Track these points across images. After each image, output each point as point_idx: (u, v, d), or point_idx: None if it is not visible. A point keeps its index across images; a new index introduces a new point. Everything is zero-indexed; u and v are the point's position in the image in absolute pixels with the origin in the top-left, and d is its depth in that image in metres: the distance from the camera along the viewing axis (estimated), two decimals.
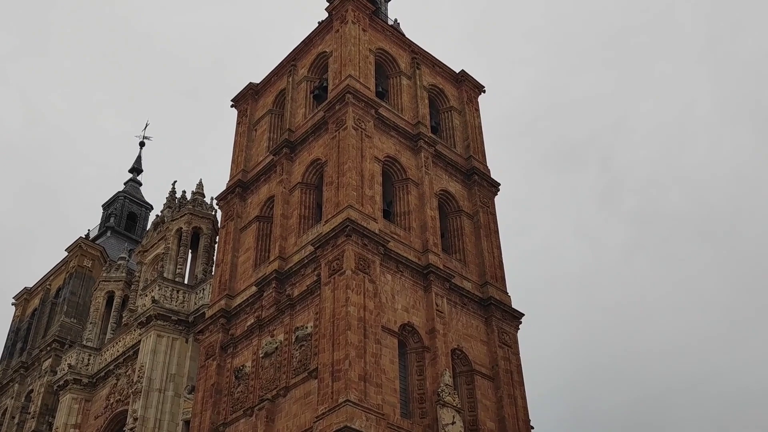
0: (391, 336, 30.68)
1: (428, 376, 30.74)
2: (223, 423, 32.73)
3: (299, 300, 32.31)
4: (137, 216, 65.07)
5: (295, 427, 29.34)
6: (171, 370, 39.58)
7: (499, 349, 34.16)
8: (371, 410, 27.48)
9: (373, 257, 31.34)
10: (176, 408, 38.71)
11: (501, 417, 32.43)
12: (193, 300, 41.80)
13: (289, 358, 31.28)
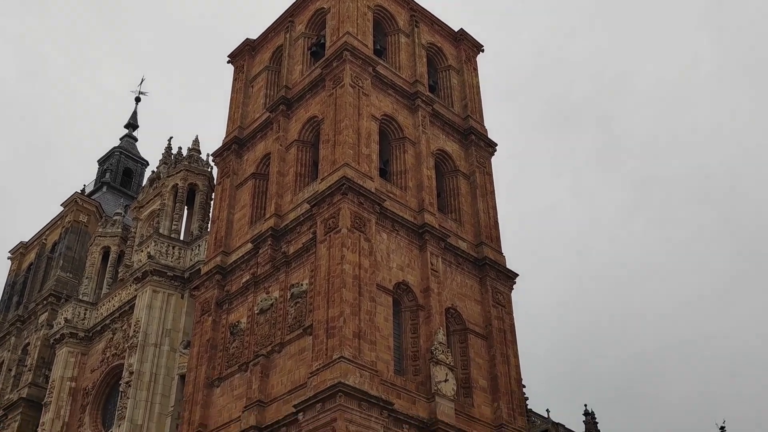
0: (386, 294, 30.87)
1: (422, 334, 31.01)
2: (218, 378, 33.06)
3: (295, 257, 32.43)
4: (133, 172, 64.93)
5: (289, 382, 29.65)
6: (166, 325, 39.85)
7: (492, 309, 34.42)
8: (365, 367, 27.76)
9: (369, 216, 31.39)
10: (172, 362, 39.05)
11: (493, 375, 32.81)
12: (189, 256, 41.91)
13: (284, 314, 31.49)
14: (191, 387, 33.70)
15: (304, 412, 27.31)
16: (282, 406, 29.09)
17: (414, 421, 28.50)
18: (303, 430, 27.19)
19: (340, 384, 26.55)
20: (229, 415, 31.47)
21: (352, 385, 26.82)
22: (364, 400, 26.92)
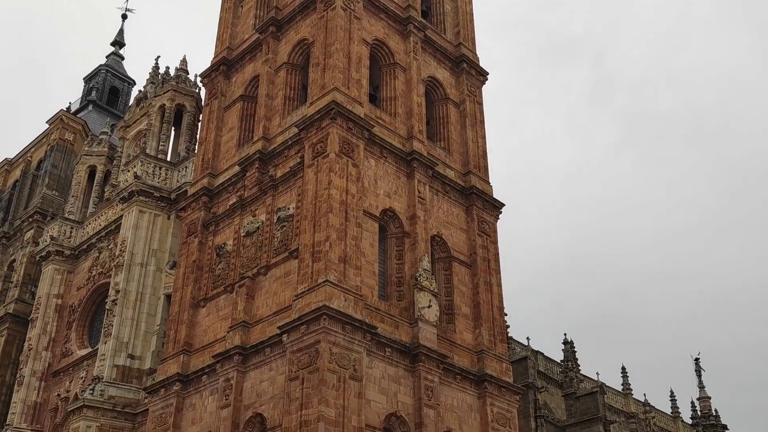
0: (372, 220, 30.99)
1: (407, 261, 31.28)
2: (204, 298, 33.36)
3: (282, 181, 32.38)
4: (119, 91, 64.10)
5: (274, 304, 29.97)
6: (153, 246, 40.02)
7: (478, 238, 34.68)
8: (350, 291, 28.07)
9: (357, 141, 31.26)
10: (158, 282, 39.39)
11: (476, 302, 33.27)
12: (176, 177, 41.80)
13: (270, 237, 31.61)
14: (177, 307, 34.03)
15: (288, 334, 27.69)
16: (266, 328, 29.48)
17: (396, 345, 28.99)
18: (287, 351, 27.61)
19: (324, 307, 26.86)
20: (214, 335, 31.88)
21: (337, 309, 27.15)
22: (348, 323, 27.30)
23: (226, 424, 28.54)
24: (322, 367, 26.15)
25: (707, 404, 70.08)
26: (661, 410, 65.56)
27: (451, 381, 30.49)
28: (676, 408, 67.67)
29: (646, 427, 60.50)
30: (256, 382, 28.90)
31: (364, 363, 27.44)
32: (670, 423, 65.66)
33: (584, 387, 50.31)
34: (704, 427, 67.91)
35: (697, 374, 71.61)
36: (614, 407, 57.84)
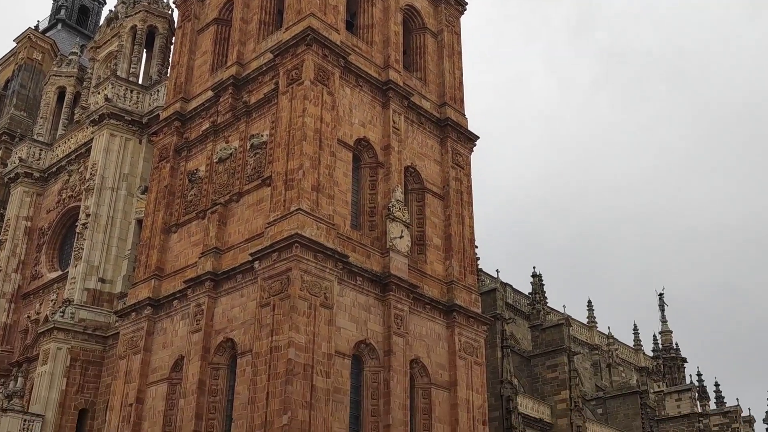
0: (346, 149, 30.86)
1: (380, 191, 31.33)
2: (176, 224, 33.27)
3: (256, 107, 32.01)
4: (89, 10, 62.27)
5: (246, 231, 29.98)
6: (124, 170, 39.61)
7: (451, 170, 34.73)
8: (322, 220, 28.13)
9: (333, 69, 30.87)
10: (129, 207, 39.12)
11: (448, 234, 33.53)
12: (147, 101, 41.13)
13: (243, 164, 31.41)
14: (148, 232, 33.92)
15: (260, 261, 27.80)
16: (238, 254, 29.55)
17: (368, 274, 29.26)
18: (258, 278, 27.76)
19: (296, 235, 26.93)
20: (185, 261, 31.91)
21: (309, 237, 27.24)
22: (320, 251, 27.44)
23: (197, 348, 28.83)
24: (293, 294, 26.38)
25: (668, 338, 71.97)
26: (624, 343, 67.24)
27: (421, 310, 30.94)
28: (639, 341, 69.41)
29: (609, 358, 62.13)
30: (227, 307, 29.11)
31: (335, 291, 27.71)
32: (632, 355, 67.43)
33: (550, 319, 51.31)
34: (664, 360, 69.87)
35: (661, 309, 73.33)
36: (579, 339, 59.20)
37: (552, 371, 46.50)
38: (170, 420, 29.30)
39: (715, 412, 60.71)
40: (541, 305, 51.71)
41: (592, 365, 60.71)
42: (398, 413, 27.97)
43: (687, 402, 57.56)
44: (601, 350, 62.08)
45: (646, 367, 66.98)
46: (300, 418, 25.01)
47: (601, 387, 57.34)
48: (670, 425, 56.60)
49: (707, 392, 64.97)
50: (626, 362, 65.18)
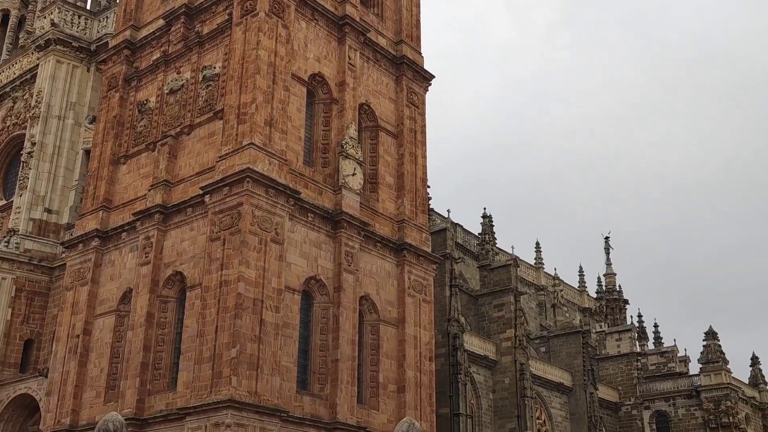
0: (300, 84, 30.49)
1: (333, 128, 31.13)
2: (125, 155, 32.68)
3: (208, 38, 31.29)
4: None
5: (197, 165, 29.62)
6: (71, 98, 38.63)
7: (406, 108, 34.60)
8: (274, 155, 27.91)
9: (289, 1, 30.25)
10: (76, 136, 38.31)
11: (400, 173, 33.59)
12: (96, 28, 39.95)
13: (194, 96, 30.83)
14: (96, 162, 33.29)
15: (210, 195, 27.57)
16: (189, 188, 29.24)
17: (319, 210, 29.26)
18: (209, 212, 27.56)
19: (248, 170, 26.71)
20: (134, 193, 31.48)
21: (261, 172, 27.04)
22: (272, 187, 27.30)
23: (145, 281, 28.68)
24: (243, 229, 26.30)
25: (612, 280, 73.88)
26: (569, 284, 68.82)
27: (371, 248, 31.14)
28: (583, 283, 71.11)
29: (554, 298, 63.61)
30: (176, 241, 28.92)
31: (286, 227, 27.69)
32: (577, 296, 69.12)
33: (499, 260, 52.13)
34: (607, 301, 71.82)
35: (606, 252, 75.05)
36: (526, 280, 60.37)
37: (498, 310, 47.48)
38: (118, 352, 29.27)
39: (653, 352, 62.87)
40: (490, 246, 52.44)
41: (538, 305, 62.14)
42: (347, 348, 28.35)
43: (627, 342, 59.46)
44: (546, 291, 63.48)
45: (589, 308, 68.82)
46: (249, 351, 25.21)
47: (545, 326, 58.83)
48: (609, 364, 58.50)
49: (646, 333, 67.17)
50: (570, 303, 66.84)
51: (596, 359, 57.16)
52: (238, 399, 24.31)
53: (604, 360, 58.67)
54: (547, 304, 62.84)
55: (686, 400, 55.10)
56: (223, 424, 23.92)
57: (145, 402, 27.05)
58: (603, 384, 55.41)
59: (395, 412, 29.43)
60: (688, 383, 55.90)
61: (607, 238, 75.27)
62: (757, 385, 59.98)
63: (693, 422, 54.36)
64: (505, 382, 45.00)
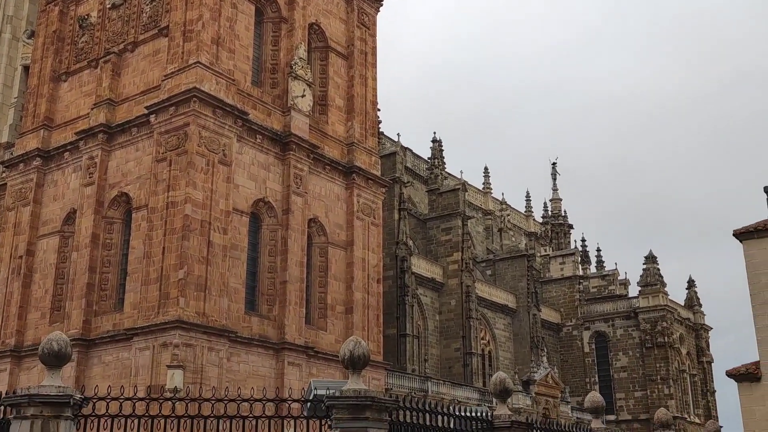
0: (249, 1, 29.69)
1: (283, 48, 30.53)
2: (66, 72, 31.66)
3: None
4: None
5: (142, 83, 28.89)
6: (8, 11, 37.05)
7: (356, 29, 34.05)
8: (222, 75, 27.33)
9: None
10: (14, 52, 36.90)
11: (350, 95, 33.27)
12: None
13: (138, 12, 29.82)
14: (36, 79, 32.21)
15: (156, 115, 27.00)
16: (133, 107, 28.56)
17: (268, 132, 28.93)
18: (154, 132, 27.04)
19: (195, 89, 26.15)
20: (77, 112, 30.66)
21: (207, 92, 26.51)
22: (219, 107, 26.83)
23: (89, 202, 28.21)
24: (190, 150, 25.91)
25: (558, 205, 75.10)
26: (516, 209, 69.81)
27: (320, 171, 31.03)
28: (530, 208, 72.19)
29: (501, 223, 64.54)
30: (121, 161, 28.40)
31: (233, 148, 27.37)
32: (523, 221, 70.25)
33: (447, 184, 52.50)
34: (553, 226, 73.16)
35: (553, 178, 75.98)
36: (474, 204, 61.05)
37: (446, 234, 48.09)
38: (63, 273, 28.96)
39: (595, 275, 64.64)
40: (440, 170, 52.70)
41: (485, 229, 63.05)
42: (295, 270, 28.51)
43: (570, 265, 60.98)
44: (493, 215, 64.34)
45: (535, 233, 70.12)
46: (196, 272, 25.18)
47: (491, 250, 59.87)
48: (553, 286, 60.07)
49: (589, 257, 68.85)
50: (517, 227, 67.94)
51: (540, 282, 58.61)
52: (185, 319, 24.38)
53: (548, 283, 60.20)
54: (493, 228, 63.78)
55: (624, 321, 57.09)
56: (171, 344, 24.02)
57: (92, 323, 26.97)
58: (546, 306, 57.00)
59: (343, 332, 29.89)
60: (627, 305, 57.83)
61: (555, 164, 76.15)
62: (692, 307, 62.31)
63: (630, 342, 56.47)
64: (451, 303, 45.95)
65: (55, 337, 8.57)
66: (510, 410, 10.94)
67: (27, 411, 8.15)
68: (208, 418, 8.69)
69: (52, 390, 8.24)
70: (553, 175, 75.99)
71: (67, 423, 8.25)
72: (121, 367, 25.12)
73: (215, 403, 8.75)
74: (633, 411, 54.66)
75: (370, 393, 8.60)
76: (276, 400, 9.09)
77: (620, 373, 56.09)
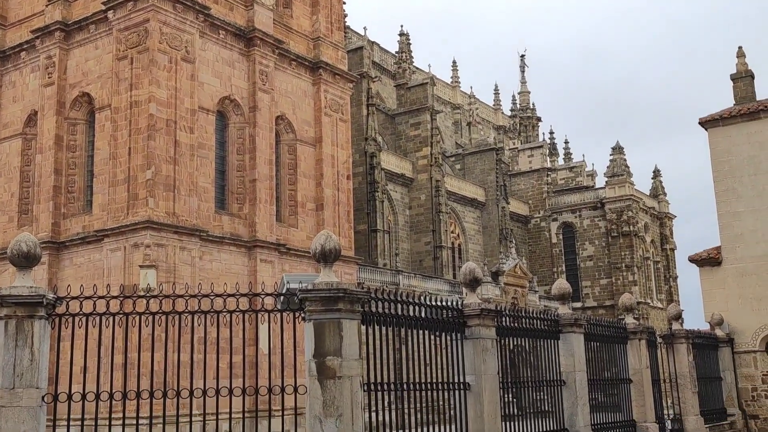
0: None
1: None
2: None
3: None
4: None
5: None
6: None
7: None
8: None
9: None
10: None
11: None
12: None
13: None
14: None
15: (114, 11, 26.12)
16: (90, 3, 27.58)
17: (231, 27, 28.21)
18: (114, 29, 26.23)
19: None
20: (31, 9, 29.55)
21: None
22: (179, 2, 26.00)
23: (50, 103, 27.58)
24: (152, 47, 25.25)
25: (526, 98, 74.88)
26: (485, 102, 69.54)
27: (286, 67, 30.50)
28: (498, 101, 71.96)
29: (470, 117, 64.41)
30: (81, 60, 27.63)
31: (197, 45, 26.71)
32: (492, 114, 70.16)
33: (416, 78, 51.92)
34: (521, 119, 73.18)
35: (521, 70, 75.42)
36: (442, 98, 60.68)
37: (415, 129, 47.95)
38: (28, 176, 28.57)
39: (563, 167, 65.23)
40: (408, 64, 52.03)
41: (453, 123, 62.94)
42: (264, 168, 28.39)
43: (538, 158, 61.38)
44: (462, 109, 64.12)
45: (503, 126, 70.17)
46: (164, 173, 24.98)
47: (460, 144, 59.96)
48: (521, 179, 60.62)
49: (557, 149, 69.27)
50: (485, 121, 67.89)
51: (509, 175, 59.08)
52: (155, 220, 24.35)
53: (516, 175, 60.70)
54: (462, 122, 63.68)
55: (591, 212, 58.07)
56: (143, 244, 24.07)
57: (61, 225, 26.84)
58: (514, 198, 57.65)
59: (314, 229, 30.10)
60: (594, 196, 58.70)
61: (523, 56, 75.48)
62: (657, 197, 63.42)
63: (596, 231, 57.61)
64: (421, 198, 46.30)
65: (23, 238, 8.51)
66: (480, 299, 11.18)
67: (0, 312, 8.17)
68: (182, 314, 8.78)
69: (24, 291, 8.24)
70: (522, 68, 75.45)
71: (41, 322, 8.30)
72: (93, 269, 25.19)
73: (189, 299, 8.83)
74: (598, 298, 56.33)
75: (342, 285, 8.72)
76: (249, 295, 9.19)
77: (587, 262, 57.45)
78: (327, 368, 8.50)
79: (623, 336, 14.82)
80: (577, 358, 13.09)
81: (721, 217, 19.21)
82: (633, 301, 15.68)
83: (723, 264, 19.05)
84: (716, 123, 19.20)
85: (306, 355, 8.66)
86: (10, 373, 8.02)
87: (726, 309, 18.88)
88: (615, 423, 14.22)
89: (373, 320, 9.39)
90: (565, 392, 12.97)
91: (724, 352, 18.75)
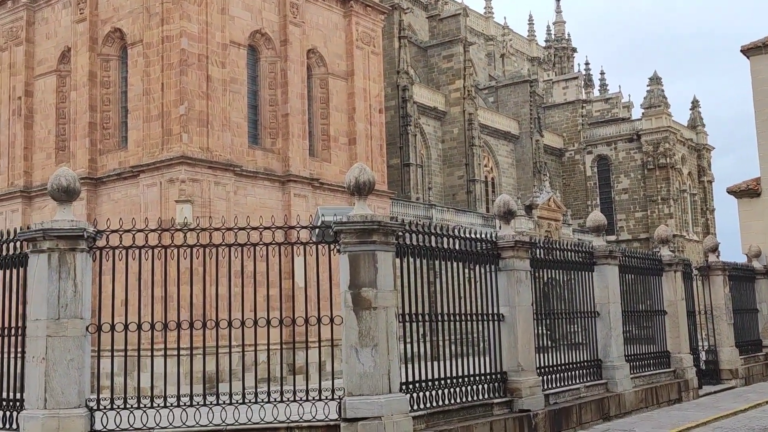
0: None
1: None
2: None
3: None
4: None
5: None
6: None
7: None
8: None
9: None
10: None
11: None
12: None
13: None
14: None
15: None
16: None
17: None
18: None
19: None
20: None
21: None
22: None
23: (83, 39, 27.59)
24: None
25: (561, 28, 73.32)
26: (519, 33, 68.22)
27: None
28: (533, 32, 70.53)
29: (503, 48, 63.31)
30: None
31: None
32: (526, 45, 68.85)
33: (448, 9, 51.00)
34: (556, 50, 71.81)
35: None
36: (475, 30, 59.62)
37: (447, 61, 47.30)
38: (63, 113, 28.80)
39: (598, 98, 64.16)
40: None
41: (487, 55, 61.95)
42: (296, 102, 28.30)
43: (573, 90, 60.37)
44: (495, 41, 63.01)
45: (537, 57, 68.90)
46: (197, 108, 25.03)
47: (493, 77, 59.10)
48: (555, 111, 59.80)
49: (593, 80, 68.03)
50: (519, 52, 66.71)
51: (543, 107, 58.28)
52: (190, 155, 24.51)
53: (551, 108, 59.86)
54: (495, 54, 62.65)
55: (627, 144, 57.26)
56: (178, 179, 24.29)
57: (98, 161, 27.13)
58: (549, 131, 56.99)
59: (347, 163, 30.07)
60: (630, 128, 57.79)
61: None
62: (695, 128, 62.27)
63: (632, 164, 56.92)
64: (453, 132, 45.96)
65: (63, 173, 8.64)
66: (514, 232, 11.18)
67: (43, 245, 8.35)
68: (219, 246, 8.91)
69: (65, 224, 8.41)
70: None
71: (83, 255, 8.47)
72: (131, 204, 25.53)
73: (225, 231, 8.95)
74: (633, 231, 55.97)
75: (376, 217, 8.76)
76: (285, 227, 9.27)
77: (621, 195, 56.94)
78: (362, 299, 8.61)
79: (658, 268, 14.77)
80: (612, 289, 13.10)
81: (761, 147, 18.85)
82: (669, 233, 15.56)
83: (762, 195, 18.78)
84: (759, 50, 18.68)
85: (341, 287, 8.76)
86: (55, 304, 8.24)
87: (764, 241, 18.69)
88: (649, 354, 14.29)
89: (408, 253, 9.45)
90: (599, 324, 13.02)
91: (761, 284, 18.63)
